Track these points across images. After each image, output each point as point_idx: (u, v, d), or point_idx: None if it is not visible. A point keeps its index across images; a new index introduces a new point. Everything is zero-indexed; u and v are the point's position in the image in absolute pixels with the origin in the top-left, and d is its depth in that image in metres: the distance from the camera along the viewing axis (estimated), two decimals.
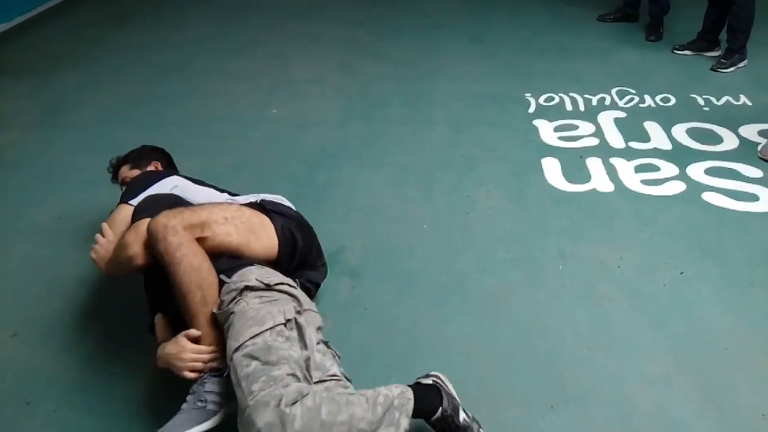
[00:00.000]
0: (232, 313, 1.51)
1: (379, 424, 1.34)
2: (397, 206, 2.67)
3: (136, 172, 2.17)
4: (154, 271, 1.78)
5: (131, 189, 1.98)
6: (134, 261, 1.67)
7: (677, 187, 2.73)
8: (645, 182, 2.77)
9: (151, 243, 1.63)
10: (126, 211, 1.90)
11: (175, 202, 1.83)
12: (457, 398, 1.56)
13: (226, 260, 1.70)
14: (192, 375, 1.55)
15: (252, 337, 1.42)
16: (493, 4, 5.20)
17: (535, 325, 2.03)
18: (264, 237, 1.83)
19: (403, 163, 2.98)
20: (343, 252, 2.37)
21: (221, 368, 1.54)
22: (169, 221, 1.63)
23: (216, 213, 1.76)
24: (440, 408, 1.47)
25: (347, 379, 1.56)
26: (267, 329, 1.43)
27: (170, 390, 1.74)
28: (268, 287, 1.58)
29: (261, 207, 1.93)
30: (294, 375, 1.36)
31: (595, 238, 2.43)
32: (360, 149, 3.12)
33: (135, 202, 1.91)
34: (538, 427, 1.69)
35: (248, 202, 1.96)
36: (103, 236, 1.87)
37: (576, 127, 3.25)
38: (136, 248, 1.67)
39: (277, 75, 3.97)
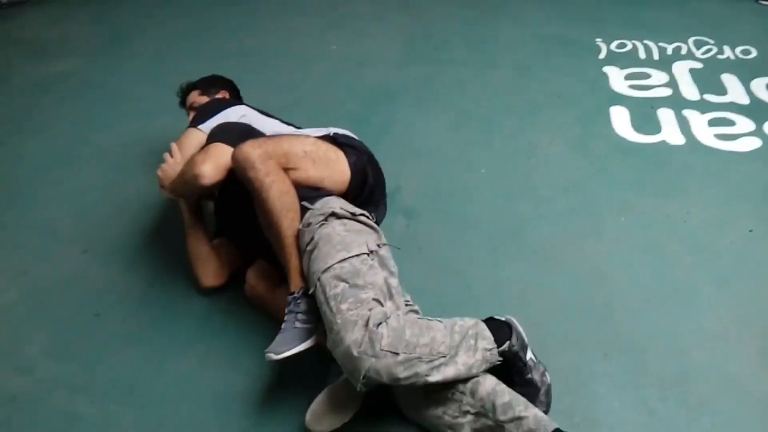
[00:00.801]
0: (315, 237, 1.53)
1: (458, 349, 1.39)
2: (456, 149, 2.63)
3: (205, 99, 2.20)
4: (224, 198, 1.83)
5: (201, 114, 2.01)
6: (199, 180, 1.69)
7: (752, 144, 2.58)
8: (718, 137, 2.63)
9: (239, 171, 1.65)
10: (195, 135, 1.94)
11: (246, 130, 1.86)
12: (526, 339, 1.56)
13: (304, 190, 1.71)
14: None
15: (340, 261, 1.45)
16: None
17: (592, 274, 1.99)
18: (338, 172, 1.84)
19: (463, 107, 2.91)
20: (399, 191, 2.36)
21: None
22: (255, 150, 1.65)
23: (296, 146, 1.78)
24: (508, 342, 1.48)
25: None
26: (354, 255, 1.47)
27: (228, 306, 1.82)
28: (353, 216, 1.61)
29: (334, 140, 1.92)
30: (378, 300, 1.41)
31: (661, 191, 2.34)
32: (420, 90, 3.06)
33: (204, 127, 1.94)
34: (590, 372, 1.68)
35: (321, 135, 1.95)
36: (172, 156, 1.91)
37: (648, 76, 3.09)
38: (203, 168, 1.69)
39: (338, 10, 3.91)
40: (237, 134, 1.78)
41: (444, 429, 1.44)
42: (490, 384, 1.44)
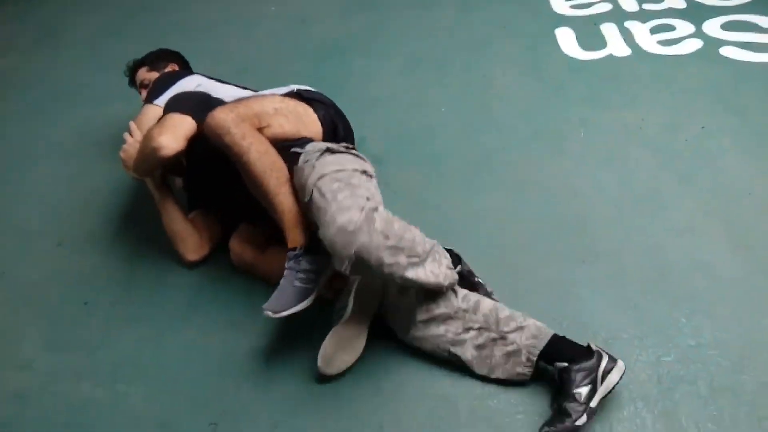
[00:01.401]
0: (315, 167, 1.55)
1: (427, 257, 1.47)
2: (413, 92, 2.65)
3: (155, 74, 2.16)
4: (194, 169, 1.82)
5: (155, 89, 1.98)
6: (159, 152, 1.66)
7: (694, 45, 2.68)
8: (661, 42, 2.72)
9: (214, 138, 1.62)
10: (152, 111, 1.92)
11: (203, 99, 1.83)
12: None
13: (285, 143, 1.70)
14: None
15: (336, 171, 1.50)
16: None
17: (562, 191, 2.07)
18: (310, 125, 1.84)
19: (413, 50, 2.92)
20: (365, 141, 2.37)
21: (314, 246, 1.54)
22: (227, 115, 1.62)
23: (266, 105, 1.76)
24: (459, 264, 1.62)
25: None
26: (350, 169, 1.52)
27: (218, 274, 1.86)
28: (347, 149, 1.64)
29: (299, 96, 1.92)
30: (371, 199, 1.45)
31: (615, 102, 2.43)
32: (367, 40, 3.05)
33: (160, 101, 1.92)
34: (573, 280, 1.76)
35: (285, 93, 1.94)
36: (132, 135, 1.88)
37: None
38: (161, 139, 1.66)
39: None
40: (193, 103, 1.75)
41: (445, 347, 1.52)
42: (489, 302, 1.54)
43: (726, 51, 2.61)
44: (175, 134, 1.68)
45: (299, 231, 1.57)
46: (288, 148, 1.67)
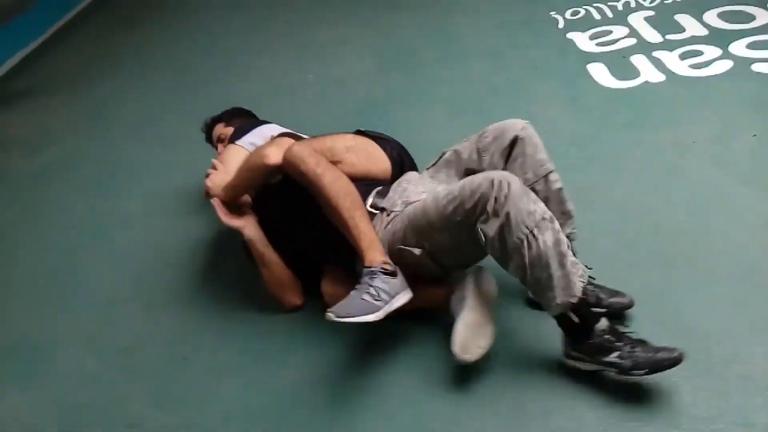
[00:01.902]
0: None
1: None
2: (460, 136, 2.73)
3: (231, 130, 2.29)
4: (267, 214, 1.93)
5: (238, 132, 2.16)
6: (265, 159, 1.76)
7: (725, 65, 2.80)
8: (693, 66, 2.85)
9: (291, 169, 1.71)
10: (235, 150, 2.08)
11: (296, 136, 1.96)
12: None
13: (356, 184, 1.76)
14: None
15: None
16: None
17: (632, 206, 2.12)
18: (379, 162, 1.94)
19: (451, 97, 3.06)
20: None
21: (391, 270, 1.60)
22: (303, 147, 1.73)
23: (338, 142, 1.88)
24: None
25: None
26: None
27: (307, 317, 1.91)
28: None
29: (365, 134, 2.02)
30: None
31: (661, 123, 2.52)
32: (405, 93, 3.19)
33: (242, 142, 2.09)
34: (664, 285, 1.79)
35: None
36: (215, 169, 2.02)
37: (610, 32, 3.31)
38: (269, 149, 1.78)
39: (302, 42, 4.03)
40: (292, 137, 1.92)
41: None
42: None
43: (758, 67, 2.73)
44: (282, 147, 1.77)
45: (376, 251, 1.62)
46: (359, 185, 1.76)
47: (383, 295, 1.53)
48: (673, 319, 1.69)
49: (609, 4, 3.62)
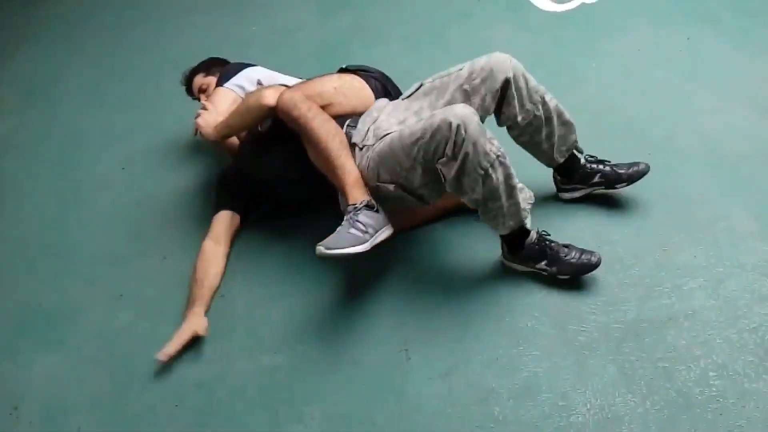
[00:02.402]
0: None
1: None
2: (425, 65, 2.83)
3: (211, 78, 2.34)
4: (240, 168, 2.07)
5: (224, 76, 2.22)
6: (263, 99, 1.86)
7: None
8: None
9: (284, 113, 1.82)
10: (224, 92, 2.16)
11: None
12: None
13: (341, 119, 1.89)
14: None
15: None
16: None
17: (601, 106, 2.37)
18: (364, 97, 2.03)
19: (404, 33, 3.15)
20: None
21: (374, 206, 1.72)
22: (295, 93, 1.84)
23: (326, 84, 1.96)
24: None
25: None
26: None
27: None
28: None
29: (348, 70, 2.11)
30: None
31: (606, 36, 2.78)
32: (357, 34, 3.24)
33: (230, 84, 2.16)
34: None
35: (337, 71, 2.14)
36: (206, 109, 2.08)
37: None
38: (267, 91, 1.88)
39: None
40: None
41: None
42: None
43: None
44: (278, 91, 1.88)
45: (360, 190, 1.73)
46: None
47: (369, 229, 1.65)
48: (658, 193, 1.96)
49: None
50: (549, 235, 1.78)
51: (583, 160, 1.93)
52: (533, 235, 1.74)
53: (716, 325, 1.61)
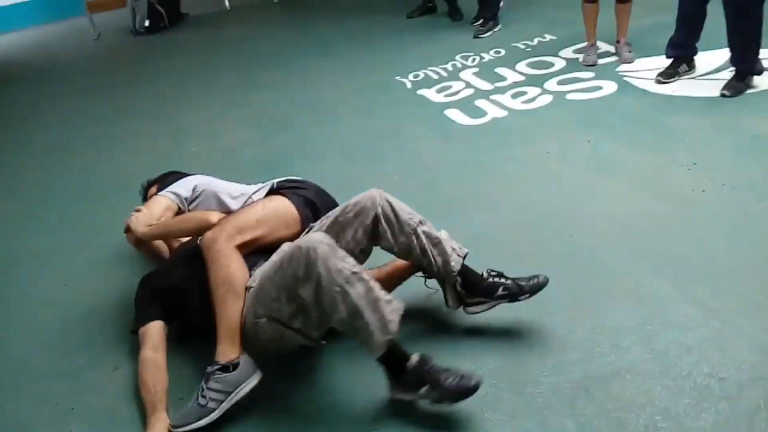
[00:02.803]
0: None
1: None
2: (360, 176, 3.13)
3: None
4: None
5: (163, 184, 2.37)
6: (211, 218, 1.98)
7: (547, 99, 3.62)
8: (524, 102, 3.63)
9: (203, 252, 1.93)
10: (157, 198, 2.27)
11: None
12: None
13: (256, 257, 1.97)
14: None
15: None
16: (312, 29, 5.92)
17: (520, 201, 2.68)
18: (289, 218, 2.05)
19: (341, 148, 3.46)
20: None
21: (229, 364, 1.76)
22: (219, 234, 1.91)
23: (249, 219, 1.99)
24: None
25: None
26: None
27: None
28: None
29: (276, 191, 2.17)
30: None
31: (518, 144, 3.18)
32: (295, 151, 3.51)
33: (164, 192, 2.28)
34: (563, 249, 2.32)
35: (267, 190, 2.23)
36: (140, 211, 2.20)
37: (451, 86, 4.03)
38: (216, 215, 2.02)
39: (174, 123, 4.18)
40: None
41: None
42: None
43: (570, 96, 3.58)
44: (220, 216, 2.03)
45: (226, 344, 1.79)
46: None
47: (215, 395, 1.73)
48: (586, 269, 2.21)
49: (441, 67, 4.40)
50: (430, 357, 1.70)
51: (485, 274, 1.96)
52: (413, 359, 1.68)
53: (654, 375, 1.78)
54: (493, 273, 1.97)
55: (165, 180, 2.49)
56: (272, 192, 2.19)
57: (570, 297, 2.10)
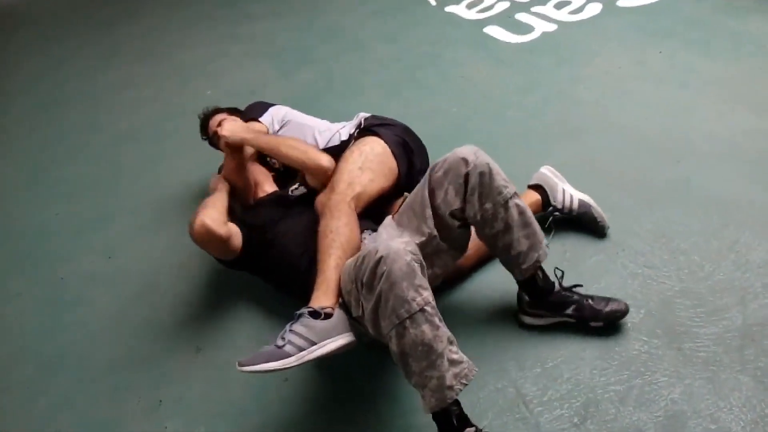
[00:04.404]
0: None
1: None
2: (409, 110, 2.81)
3: (230, 116, 2.27)
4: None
5: (254, 111, 2.23)
6: (322, 161, 1.87)
7: (596, 7, 3.28)
8: (572, 12, 3.28)
9: (320, 208, 1.82)
10: (260, 125, 2.16)
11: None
12: None
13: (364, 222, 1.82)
14: None
15: None
16: None
17: (600, 122, 2.41)
18: (388, 161, 1.92)
19: (378, 81, 3.10)
20: None
21: (324, 312, 1.51)
22: (332, 195, 1.76)
23: (352, 170, 1.83)
24: None
25: None
26: None
27: None
28: None
29: (368, 130, 2.01)
30: None
31: (583, 61, 2.87)
32: (327, 87, 3.16)
33: (263, 119, 2.18)
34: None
35: (355, 127, 2.09)
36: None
37: (481, 1, 3.63)
38: (327, 157, 1.89)
39: (180, 64, 3.73)
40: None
41: None
42: None
43: (621, 2, 3.24)
44: (331, 162, 1.89)
45: (321, 293, 1.57)
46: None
47: (297, 341, 1.45)
48: (705, 198, 1.99)
49: None
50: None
51: (557, 286, 1.67)
52: None
53: None
54: (566, 287, 1.67)
55: (231, 112, 2.32)
56: (361, 131, 2.04)
57: (699, 231, 1.90)
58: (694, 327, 1.64)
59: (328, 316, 1.49)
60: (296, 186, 2.01)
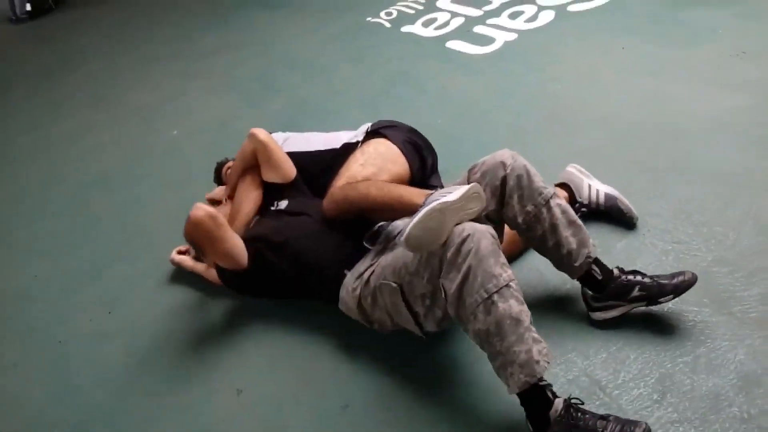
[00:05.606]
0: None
1: None
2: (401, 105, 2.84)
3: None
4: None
5: None
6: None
7: (549, 14, 3.44)
8: (528, 21, 3.41)
9: (340, 207, 1.79)
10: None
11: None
12: None
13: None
14: None
15: None
16: None
17: (604, 115, 2.49)
18: (393, 155, 1.95)
19: (355, 100, 3.09)
20: None
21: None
22: (335, 190, 1.81)
23: (351, 168, 1.88)
24: None
25: None
26: None
27: None
28: None
29: (374, 133, 2.04)
30: None
31: (552, 63, 2.97)
32: (304, 112, 3.12)
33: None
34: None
35: (363, 133, 2.09)
36: None
37: (435, 18, 3.72)
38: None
39: (134, 108, 3.57)
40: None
41: None
42: None
43: (572, 8, 3.41)
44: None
45: (415, 197, 1.60)
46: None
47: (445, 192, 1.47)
48: (712, 171, 2.08)
49: (410, 1, 4.04)
50: (582, 403, 1.41)
51: (616, 272, 1.65)
52: (558, 404, 1.37)
53: None
54: (624, 270, 1.65)
55: None
56: (368, 134, 2.07)
57: (712, 204, 1.97)
58: (737, 291, 1.69)
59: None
60: (278, 202, 2.07)
